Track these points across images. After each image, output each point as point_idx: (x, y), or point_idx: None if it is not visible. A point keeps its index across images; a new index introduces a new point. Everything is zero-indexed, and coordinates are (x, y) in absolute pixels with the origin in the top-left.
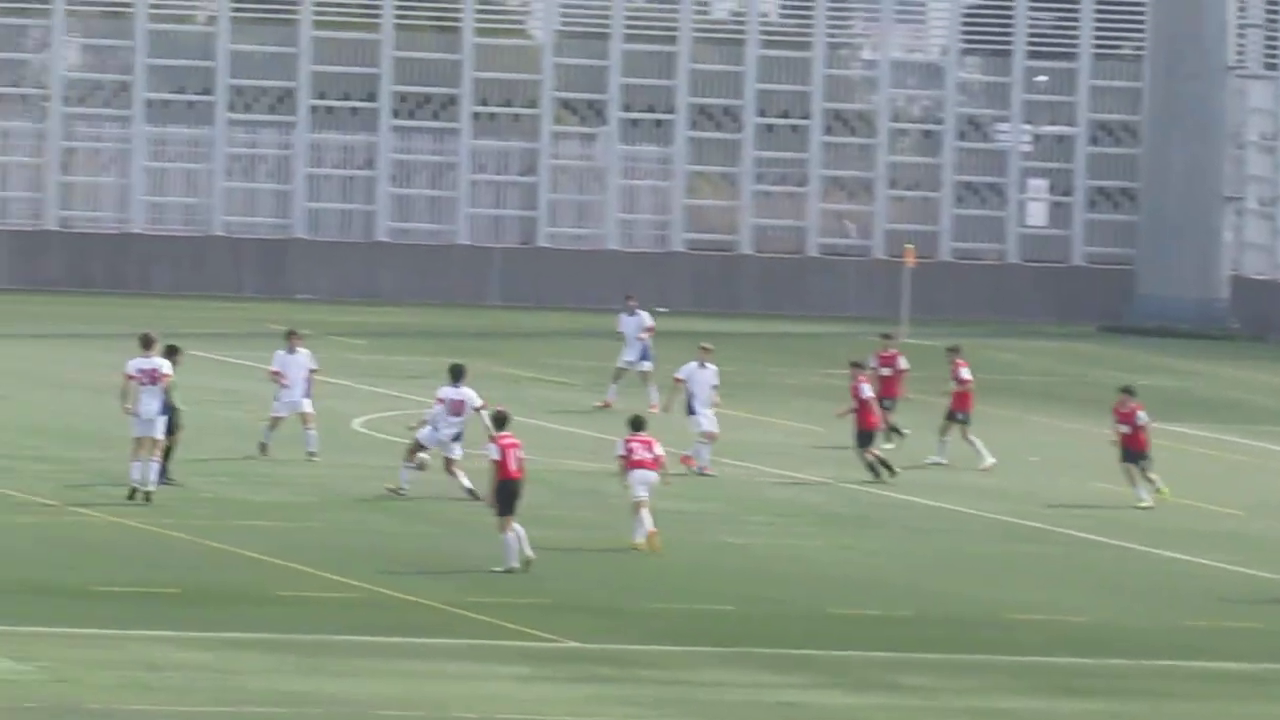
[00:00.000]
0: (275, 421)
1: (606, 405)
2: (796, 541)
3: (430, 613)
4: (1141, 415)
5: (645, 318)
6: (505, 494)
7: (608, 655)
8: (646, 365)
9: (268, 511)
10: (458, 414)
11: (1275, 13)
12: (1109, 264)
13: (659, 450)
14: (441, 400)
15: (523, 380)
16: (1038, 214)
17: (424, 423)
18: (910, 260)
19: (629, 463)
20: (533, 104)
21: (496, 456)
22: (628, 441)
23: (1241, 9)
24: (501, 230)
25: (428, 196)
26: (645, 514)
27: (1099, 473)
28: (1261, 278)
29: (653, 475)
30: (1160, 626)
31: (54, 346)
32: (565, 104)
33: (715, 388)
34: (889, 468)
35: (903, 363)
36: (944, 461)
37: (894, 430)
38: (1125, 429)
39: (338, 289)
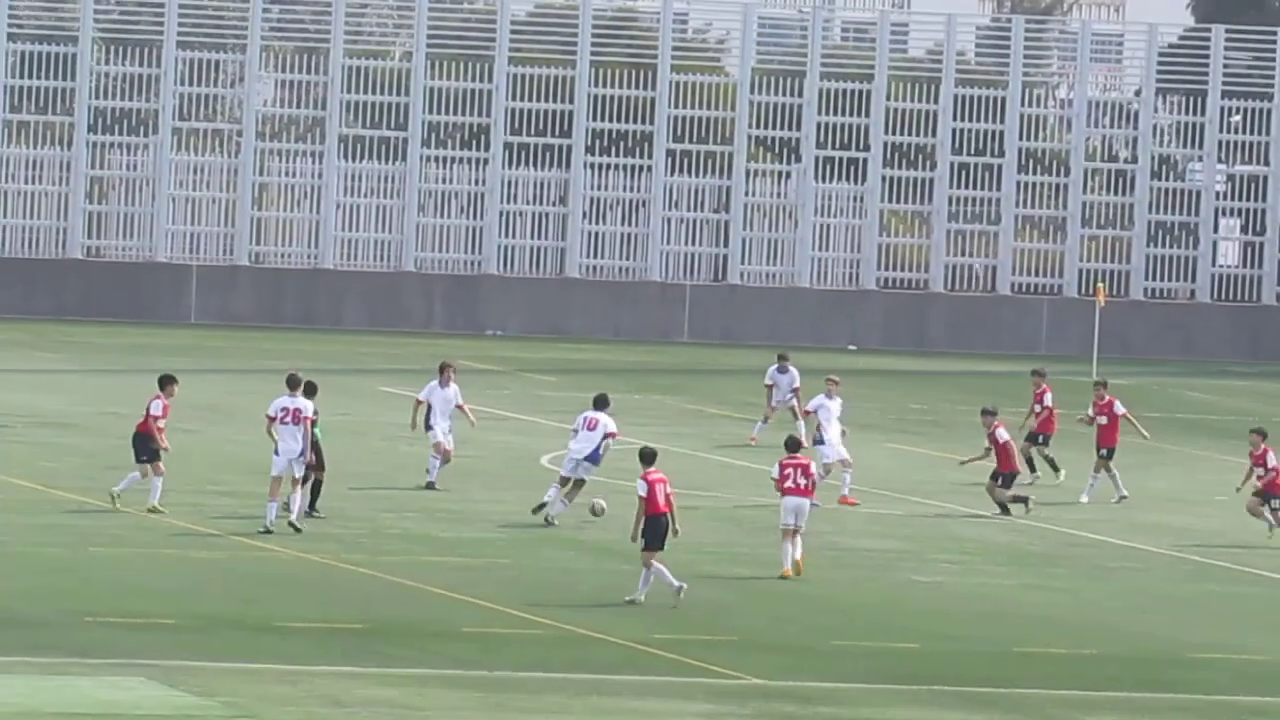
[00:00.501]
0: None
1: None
2: (983, 580)
3: (616, 649)
4: (1272, 457)
5: (796, 376)
6: (651, 529)
7: (791, 692)
8: (795, 401)
9: (454, 547)
10: (591, 429)
11: None
12: None
13: (815, 473)
14: (575, 430)
15: (712, 416)
16: (1230, 253)
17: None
18: (1102, 299)
19: (781, 489)
20: (727, 141)
21: (643, 493)
22: (783, 465)
23: None
24: (694, 267)
25: (620, 233)
26: (790, 543)
27: None
28: None
29: (804, 502)
30: None
31: (244, 381)
32: (760, 141)
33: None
34: (1024, 501)
35: (1049, 399)
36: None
37: (1050, 463)
38: (1259, 470)
39: (529, 325)
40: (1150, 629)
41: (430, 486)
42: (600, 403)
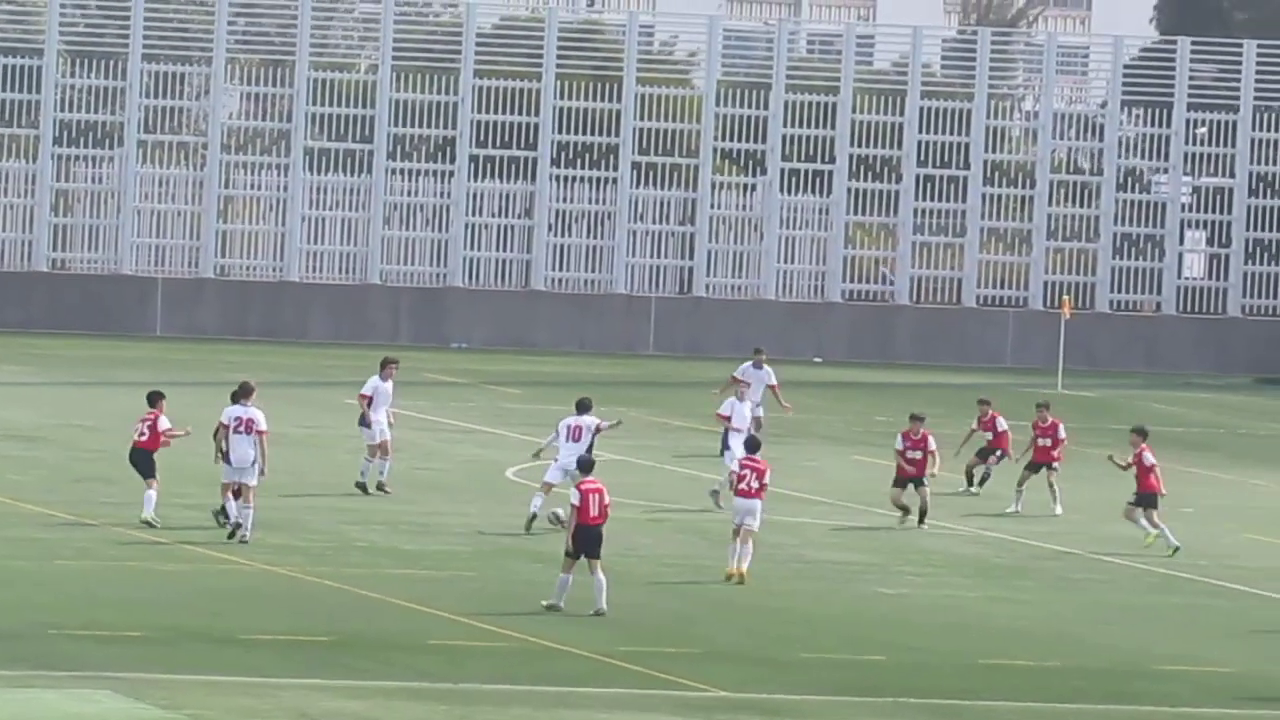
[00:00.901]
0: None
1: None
2: (949, 592)
3: (581, 661)
4: (1148, 456)
5: (771, 374)
6: (580, 539)
7: (756, 704)
8: (760, 411)
9: (419, 559)
10: (576, 439)
11: None
12: (1266, 316)
13: (768, 479)
14: (558, 431)
15: (678, 429)
16: (1195, 265)
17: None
18: (1068, 311)
19: (734, 489)
20: (693, 153)
21: (575, 501)
22: (741, 464)
23: None
24: (659, 279)
25: (585, 245)
26: (738, 544)
27: (1253, 524)
28: None
29: (754, 504)
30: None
31: (209, 394)
32: (725, 153)
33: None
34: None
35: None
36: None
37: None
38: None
39: (494, 338)
40: (1115, 641)
41: (362, 488)
42: (584, 407)
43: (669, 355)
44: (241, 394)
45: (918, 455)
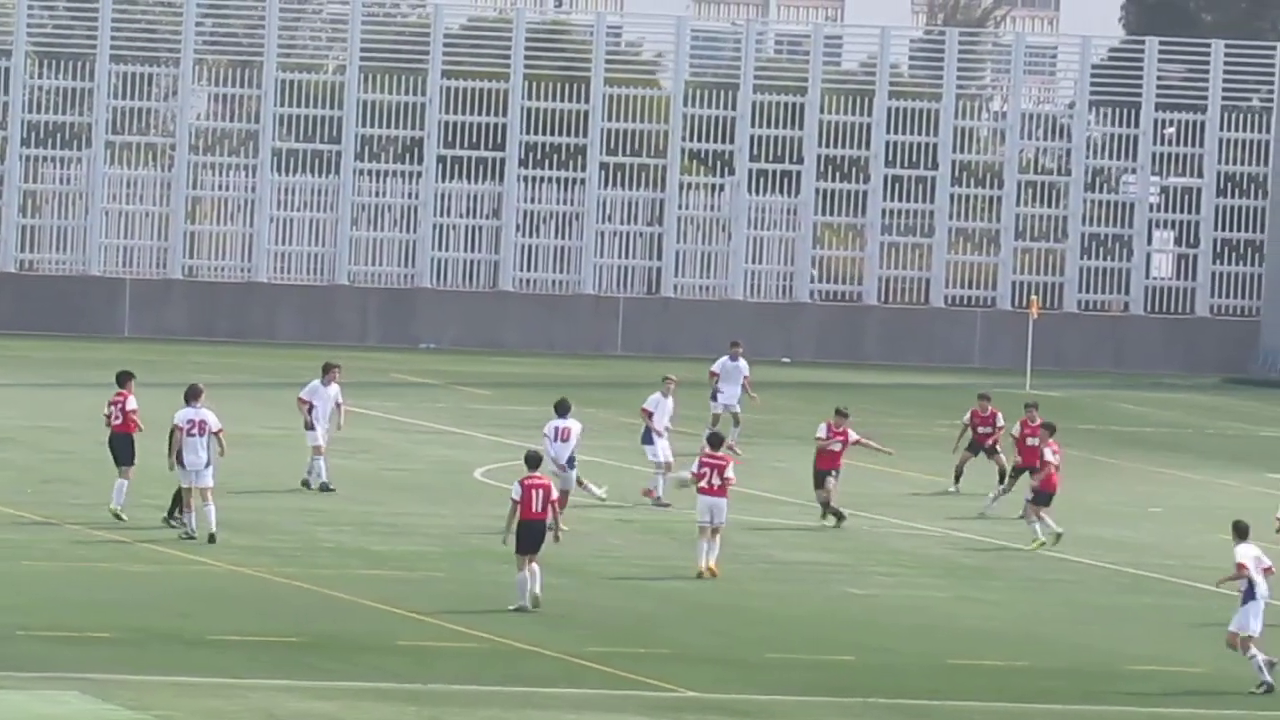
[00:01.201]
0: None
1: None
2: (918, 592)
3: (551, 662)
4: (1048, 454)
5: (746, 366)
6: (523, 534)
7: (725, 705)
8: (738, 408)
9: (390, 560)
10: (565, 440)
11: None
12: (1234, 316)
13: (730, 474)
14: (546, 434)
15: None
16: (1163, 265)
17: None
18: (1035, 311)
19: (697, 487)
20: (661, 154)
21: (516, 496)
22: (701, 462)
23: None
24: (627, 280)
25: (554, 246)
26: (706, 542)
27: (1221, 524)
28: None
29: (719, 501)
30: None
31: (177, 395)
32: (693, 154)
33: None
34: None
35: (1000, 420)
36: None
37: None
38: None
39: (462, 338)
40: (1086, 641)
41: (306, 485)
42: (563, 409)
43: (637, 356)
44: (191, 396)
45: (835, 446)
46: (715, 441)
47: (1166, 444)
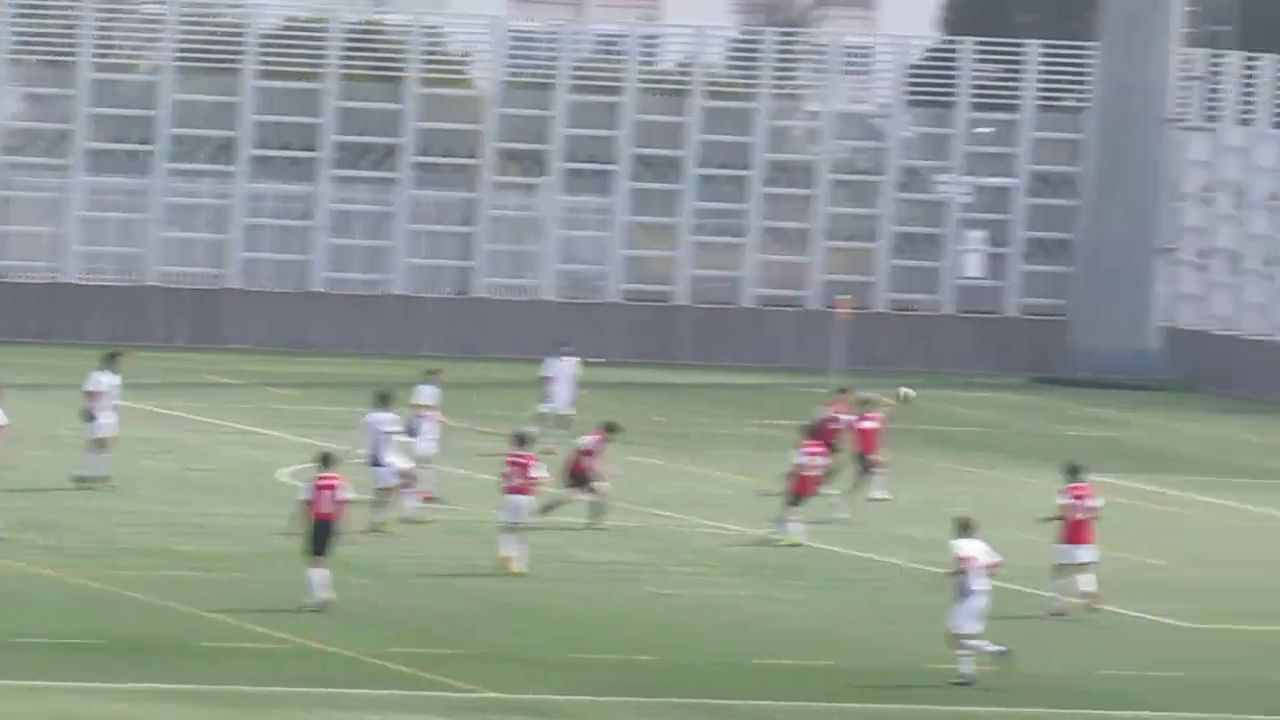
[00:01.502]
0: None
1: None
2: (722, 592)
3: (353, 664)
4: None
5: (574, 367)
6: (313, 534)
7: (528, 705)
8: (570, 410)
9: (192, 561)
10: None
11: (1216, 66)
12: (1044, 315)
13: (536, 473)
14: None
15: (453, 430)
16: (974, 265)
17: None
18: (845, 311)
19: (504, 487)
20: (474, 154)
21: (307, 496)
22: (506, 461)
23: (1184, 62)
24: (438, 280)
25: (365, 246)
26: (506, 538)
27: (1027, 524)
28: (1194, 329)
29: (522, 500)
30: (1081, 674)
31: None
32: (507, 154)
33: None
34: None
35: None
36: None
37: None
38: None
39: (271, 339)
40: (892, 641)
41: (82, 480)
42: (383, 401)
43: (448, 356)
44: None
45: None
46: (519, 440)
47: (976, 443)
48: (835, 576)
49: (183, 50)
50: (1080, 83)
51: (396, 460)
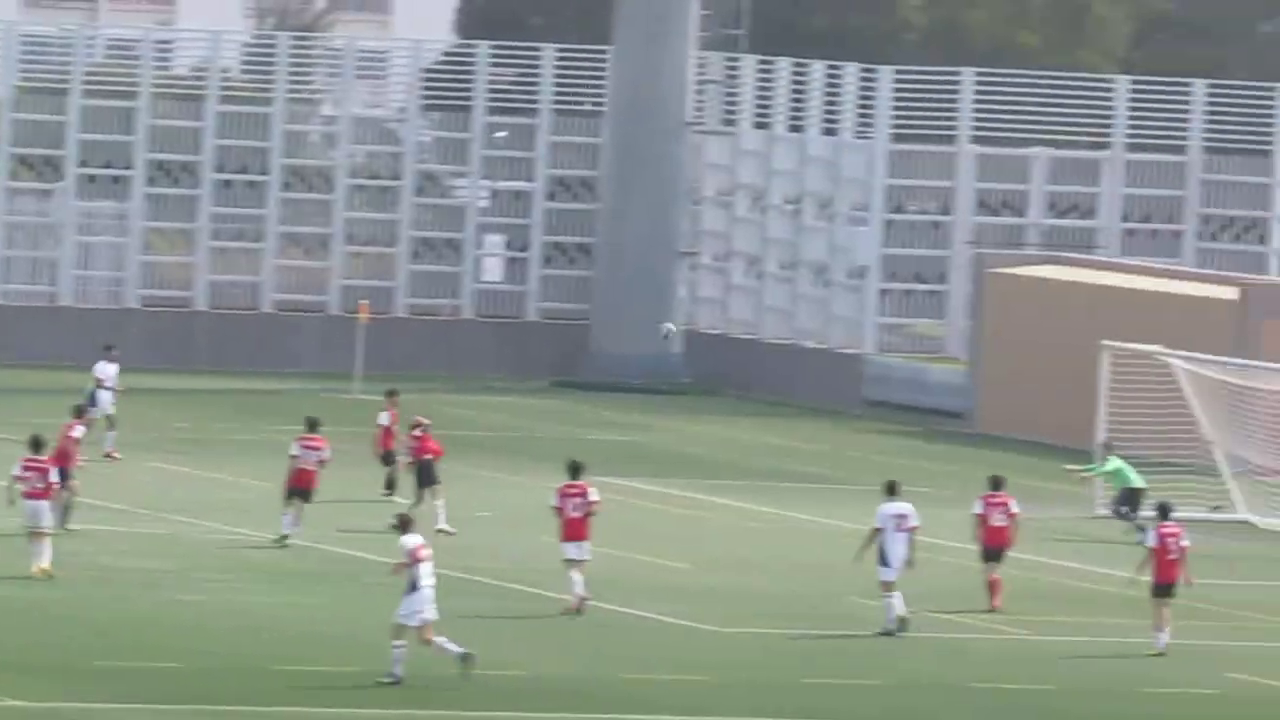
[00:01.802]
0: None
1: (111, 456)
2: (246, 597)
3: None
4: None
5: (114, 371)
6: None
7: (53, 714)
8: (112, 410)
9: None
10: None
11: (733, 70)
12: (564, 319)
13: (53, 478)
14: None
15: None
16: (493, 269)
17: None
18: (364, 316)
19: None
20: None
21: None
22: (24, 465)
23: (700, 66)
24: None
25: None
26: (38, 545)
27: (549, 527)
28: (714, 332)
29: (42, 504)
30: (600, 678)
31: None
32: (22, 160)
33: None
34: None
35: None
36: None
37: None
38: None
39: None
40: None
41: None
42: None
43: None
44: None
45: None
46: (36, 445)
47: (497, 447)
48: (359, 581)
49: None
50: (597, 87)
51: None
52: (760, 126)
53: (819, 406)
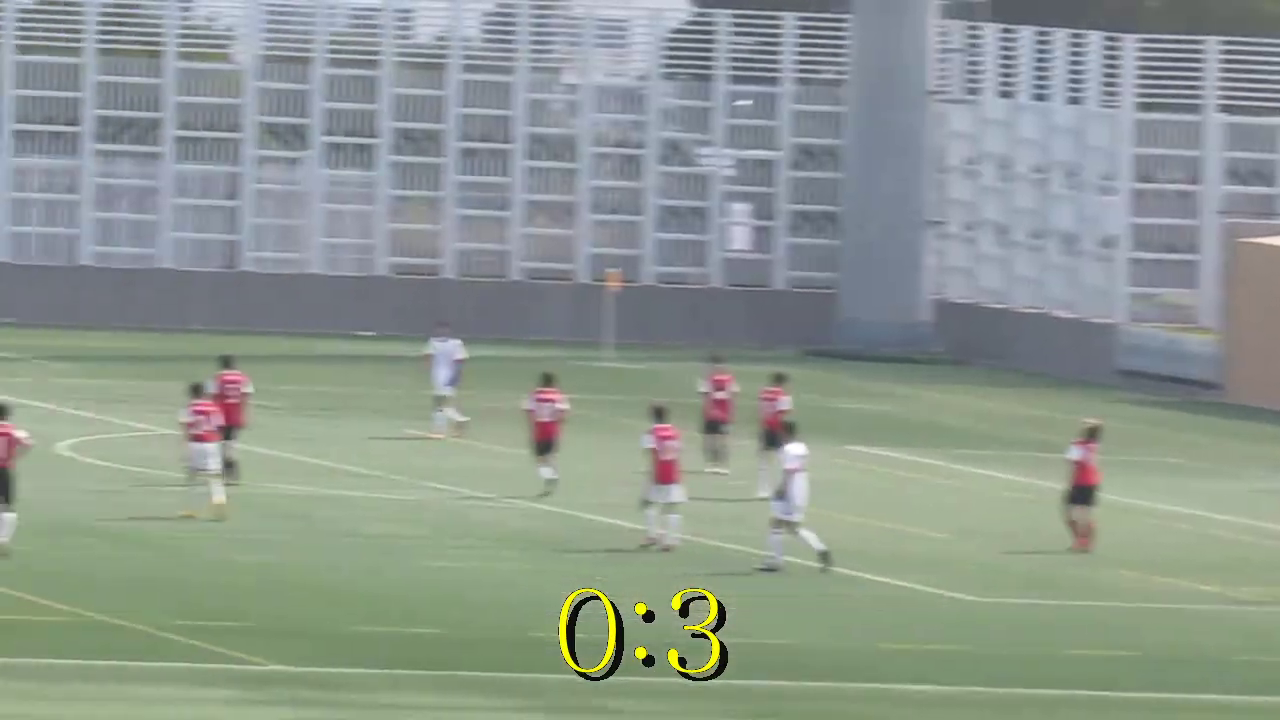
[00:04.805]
0: None
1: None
2: (498, 565)
3: (138, 636)
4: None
5: (458, 346)
6: None
7: (313, 679)
8: (450, 390)
9: None
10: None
11: (976, 38)
12: (812, 288)
13: (217, 420)
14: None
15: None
16: (740, 238)
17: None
18: (614, 284)
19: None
20: (235, 128)
21: None
22: (193, 410)
23: (943, 35)
24: (205, 254)
25: (130, 221)
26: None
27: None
28: (963, 301)
29: (206, 446)
30: (856, 648)
31: None
32: (268, 128)
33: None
34: None
35: (734, 386)
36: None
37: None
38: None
39: (41, 313)
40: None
41: None
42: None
43: (217, 330)
44: None
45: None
46: (196, 391)
47: (746, 417)
48: (612, 549)
49: None
50: (840, 55)
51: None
52: (1004, 95)
53: (1071, 376)
